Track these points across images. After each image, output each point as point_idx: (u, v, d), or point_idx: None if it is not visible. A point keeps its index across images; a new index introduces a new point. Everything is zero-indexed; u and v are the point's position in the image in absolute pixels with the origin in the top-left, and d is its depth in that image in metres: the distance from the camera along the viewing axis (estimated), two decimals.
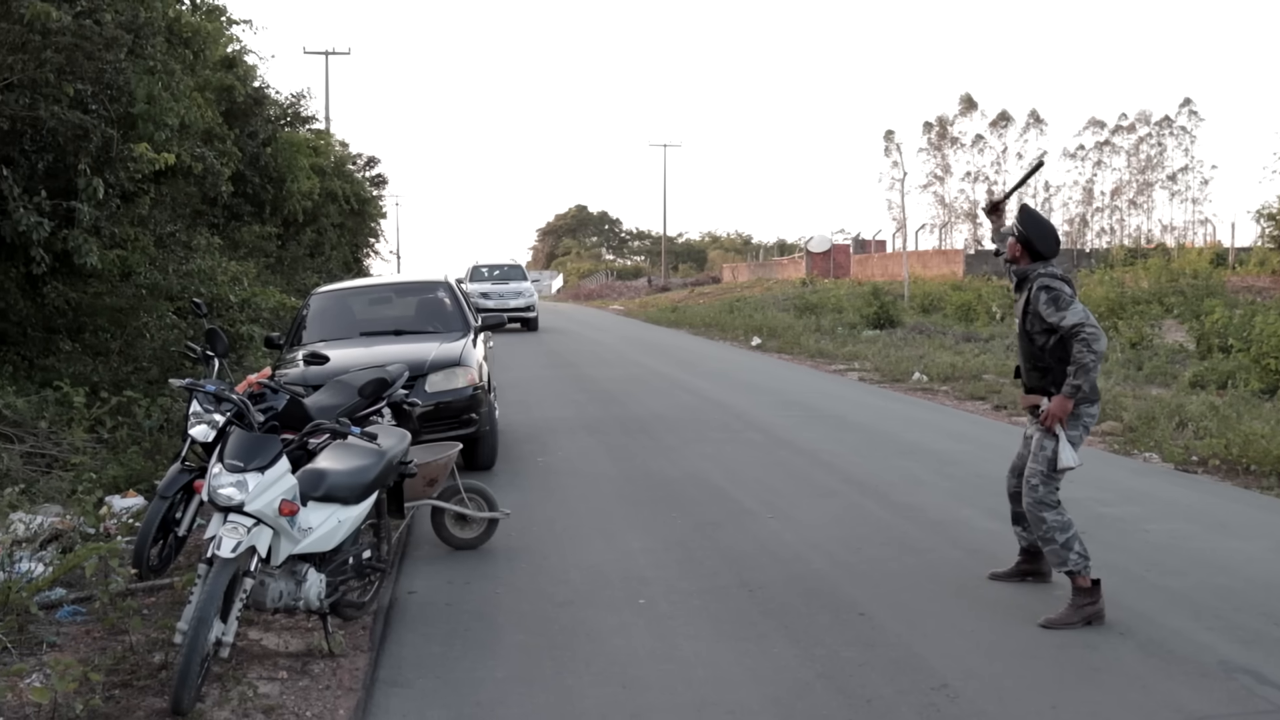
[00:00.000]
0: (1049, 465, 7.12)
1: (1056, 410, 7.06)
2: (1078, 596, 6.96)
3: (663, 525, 9.76)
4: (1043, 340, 7.18)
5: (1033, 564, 7.79)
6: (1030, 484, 7.19)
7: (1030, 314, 7.19)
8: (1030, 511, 7.19)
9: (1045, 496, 7.13)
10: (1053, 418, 7.07)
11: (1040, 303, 7.07)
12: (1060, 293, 7.04)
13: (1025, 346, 7.35)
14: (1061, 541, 7.03)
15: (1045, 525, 7.09)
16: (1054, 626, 6.83)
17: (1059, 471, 7.11)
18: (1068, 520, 7.11)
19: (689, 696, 5.92)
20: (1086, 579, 6.96)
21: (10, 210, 11.57)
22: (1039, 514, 7.12)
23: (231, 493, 5.82)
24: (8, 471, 9.76)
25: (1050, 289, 7.06)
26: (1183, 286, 31.35)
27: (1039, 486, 7.15)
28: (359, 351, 11.61)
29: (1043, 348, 7.20)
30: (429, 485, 8.54)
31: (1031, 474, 7.20)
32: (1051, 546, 7.07)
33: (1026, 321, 7.25)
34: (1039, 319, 7.12)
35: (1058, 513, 7.11)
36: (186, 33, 17.16)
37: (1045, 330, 7.13)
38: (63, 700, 5.33)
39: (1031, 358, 7.30)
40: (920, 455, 12.98)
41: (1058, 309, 6.99)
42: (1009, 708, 5.73)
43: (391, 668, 6.44)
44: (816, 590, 7.77)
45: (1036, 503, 7.14)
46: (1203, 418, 14.27)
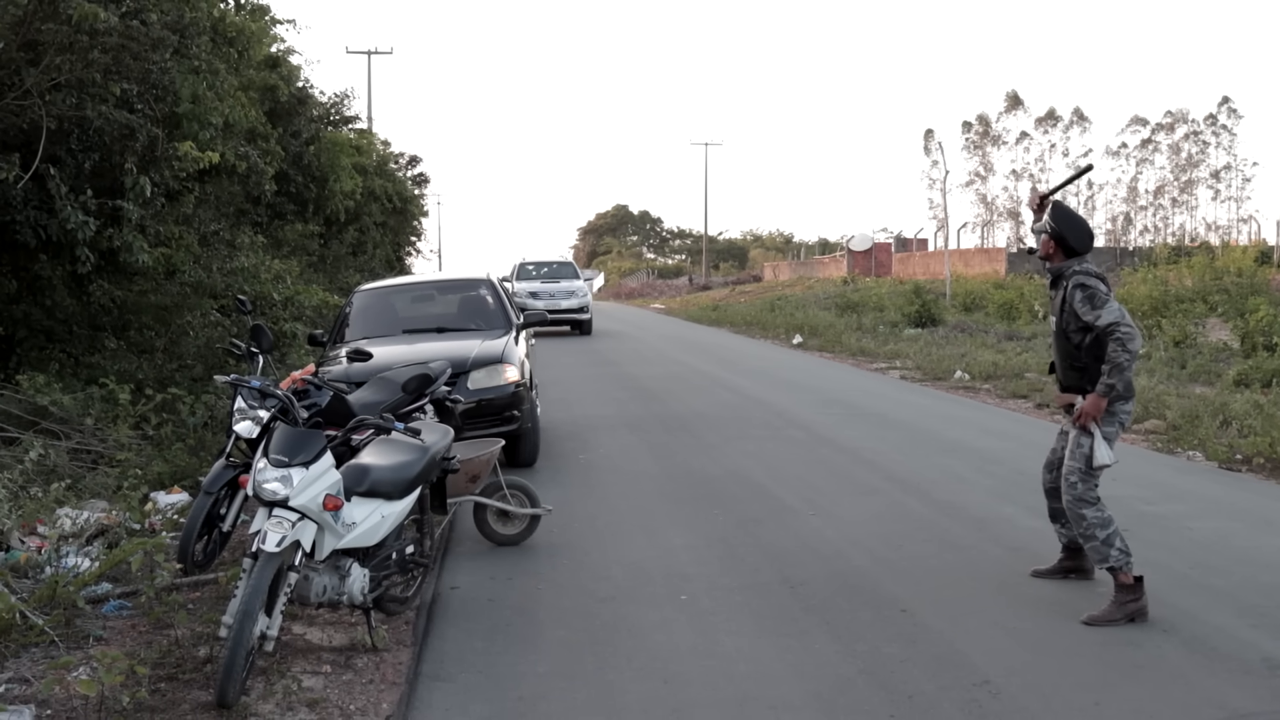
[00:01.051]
0: (1086, 463, 7.11)
1: (1090, 409, 7.07)
2: (1120, 593, 6.91)
3: (704, 522, 9.77)
4: (1078, 338, 7.18)
5: (1075, 560, 7.75)
6: (1069, 481, 7.17)
7: (1066, 312, 7.20)
8: (1070, 509, 7.18)
9: (1084, 494, 7.12)
10: (1087, 416, 7.08)
11: (1076, 300, 7.08)
12: (1096, 291, 7.04)
13: (1061, 344, 7.35)
14: (1102, 538, 7.01)
15: (1085, 522, 7.07)
16: (1097, 624, 6.79)
17: (1096, 469, 7.11)
18: (1107, 516, 7.10)
19: (730, 692, 5.94)
20: (1129, 575, 6.92)
21: (57, 209, 11.66)
22: (1079, 511, 7.11)
23: (276, 487, 5.87)
24: (54, 467, 9.85)
25: (1086, 287, 7.06)
26: (1226, 285, 31.13)
27: (1077, 484, 7.13)
28: (402, 349, 11.68)
29: (1078, 346, 7.20)
30: (471, 481, 8.58)
31: (1069, 471, 7.19)
32: (1092, 543, 7.06)
33: (1062, 319, 7.26)
34: (1074, 317, 7.13)
35: (1097, 509, 7.09)
36: (231, 32, 17.28)
37: (1081, 328, 7.14)
38: (109, 693, 5.37)
39: (1067, 356, 7.30)
40: (962, 453, 12.95)
41: (1093, 307, 7.00)
42: (1051, 704, 5.71)
43: (434, 662, 6.48)
44: (858, 587, 7.78)
45: (1076, 500, 7.13)
46: (1247, 416, 14.18)
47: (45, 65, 11.49)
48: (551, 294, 35.42)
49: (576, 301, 35.91)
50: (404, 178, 44.45)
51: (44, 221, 11.84)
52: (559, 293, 35.83)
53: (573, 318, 35.55)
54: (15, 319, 13.01)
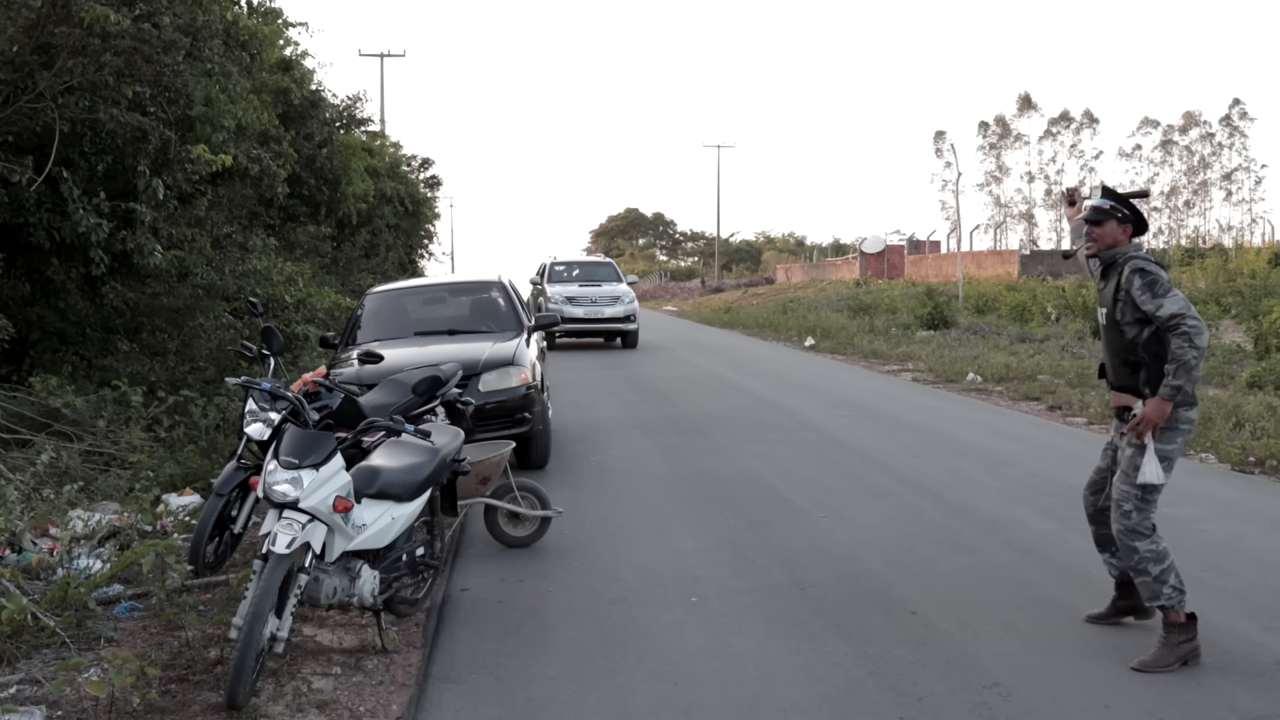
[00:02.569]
0: (1143, 488, 6.33)
1: (1153, 414, 6.23)
2: (1171, 633, 6.24)
3: (715, 524, 9.77)
4: (1134, 332, 6.34)
5: (1131, 599, 6.87)
6: (1122, 509, 6.38)
7: (1120, 301, 6.38)
8: (1121, 540, 6.38)
9: (1139, 523, 6.32)
10: (1148, 423, 6.24)
11: (1134, 287, 6.26)
12: (1158, 277, 6.24)
13: (1113, 339, 6.51)
14: (1155, 574, 6.26)
15: (1138, 556, 6.30)
16: (1148, 670, 6.12)
17: (1144, 487, 6.32)
18: (1163, 549, 6.32)
19: (740, 693, 5.93)
20: (1180, 614, 6.25)
21: (70, 212, 11.70)
22: (1130, 543, 6.32)
23: (286, 489, 5.88)
24: (66, 469, 9.88)
25: (1146, 271, 6.26)
26: (1240, 287, 31.10)
27: (1132, 512, 6.33)
28: (413, 351, 11.71)
29: (1134, 340, 6.35)
30: (482, 483, 8.59)
31: (1123, 497, 6.38)
32: (1144, 579, 6.31)
33: (1116, 310, 6.42)
34: (1131, 307, 6.31)
35: (1151, 541, 6.31)
36: (243, 35, 17.36)
37: (1138, 320, 6.31)
38: (119, 694, 5.39)
39: (1121, 351, 6.44)
40: (974, 455, 12.94)
41: (1154, 295, 6.18)
42: (1062, 707, 5.70)
43: (444, 664, 6.48)
44: (869, 589, 7.77)
45: (1129, 530, 6.33)
46: (1260, 418, 14.24)
47: (58, 68, 11.50)
48: (593, 300, 30.61)
49: (622, 309, 30.71)
50: (416, 180, 44.49)
51: (57, 224, 11.88)
52: (601, 298, 30.79)
53: (618, 328, 30.89)
54: (29, 321, 13.04)
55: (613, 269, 33.86)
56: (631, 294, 31.49)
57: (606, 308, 30.38)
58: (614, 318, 30.39)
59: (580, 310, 29.90)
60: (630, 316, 30.57)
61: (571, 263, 34.84)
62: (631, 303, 30.95)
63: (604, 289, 31.08)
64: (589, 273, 33.18)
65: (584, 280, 32.11)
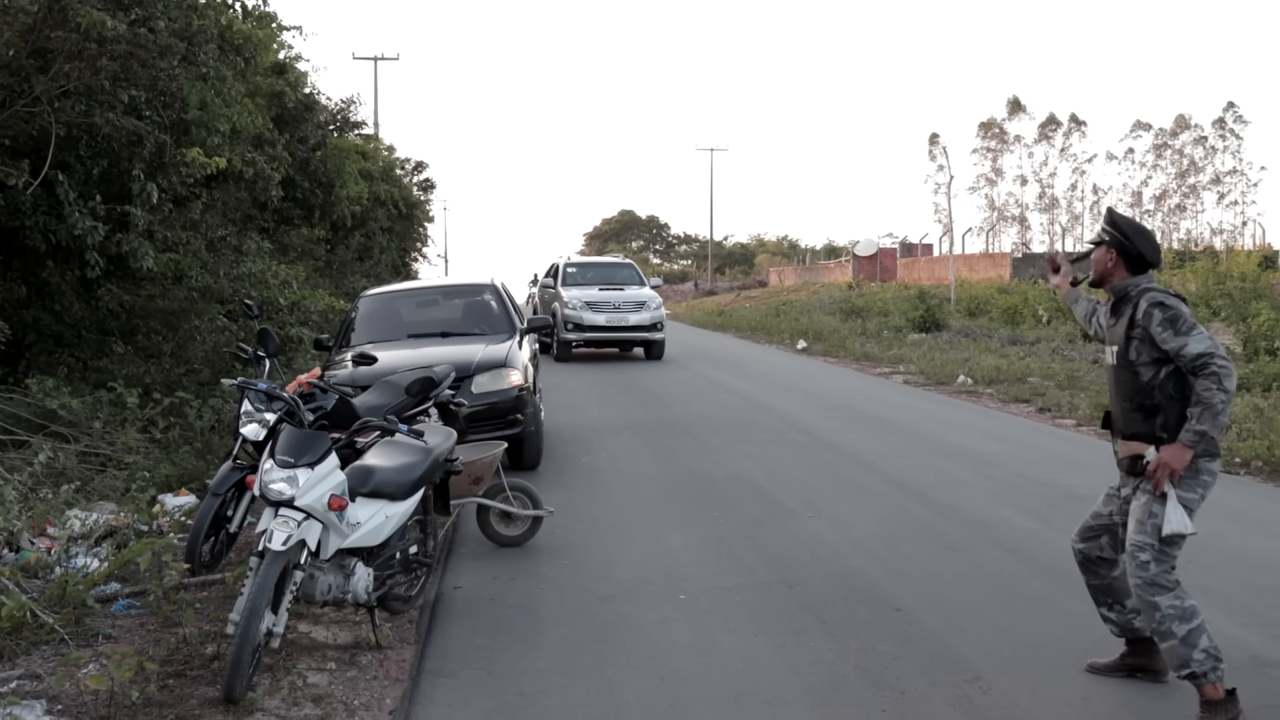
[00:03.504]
0: (1160, 537, 5.58)
1: (1173, 460, 5.52)
2: (1207, 713, 5.43)
3: (705, 524, 9.90)
4: (1150, 374, 5.66)
5: (1141, 657, 6.14)
6: (1138, 560, 5.61)
7: (1135, 339, 5.70)
8: (1141, 596, 5.61)
9: (1159, 576, 5.56)
10: (1166, 468, 5.53)
11: (1154, 323, 5.59)
12: (1179, 312, 5.56)
13: (1125, 381, 5.79)
14: (1182, 635, 5.45)
15: (1159, 614, 5.52)
16: None
17: (1169, 539, 5.58)
18: (1190, 606, 5.53)
19: (726, 688, 6.06)
20: (1218, 688, 5.43)
21: (66, 215, 11.80)
22: (1151, 599, 5.56)
23: (282, 488, 6.00)
24: (63, 470, 9.97)
25: (1166, 306, 5.59)
26: (1230, 290, 31.22)
27: (1150, 564, 5.57)
28: (406, 353, 11.80)
29: (1149, 383, 5.67)
30: (474, 483, 8.71)
31: (1139, 547, 5.63)
32: (1169, 642, 5.50)
33: (1130, 349, 5.73)
34: (1148, 345, 5.65)
35: (1175, 597, 5.55)
36: (238, 40, 17.44)
37: (1155, 360, 5.64)
38: (119, 689, 5.50)
39: (1135, 394, 5.73)
40: (962, 456, 13.07)
41: (1176, 333, 5.51)
42: (1040, 699, 5.84)
43: (437, 659, 6.60)
44: (855, 587, 7.90)
45: (1148, 584, 5.57)
46: (1246, 420, 14.36)
47: (54, 72, 11.61)
48: (616, 305, 27.19)
49: (649, 315, 27.35)
50: (410, 183, 44.58)
51: (53, 227, 11.99)
52: (625, 303, 27.37)
53: (643, 337, 27.57)
54: (24, 323, 13.13)
55: (634, 271, 30.58)
56: (658, 299, 28.05)
57: (631, 314, 27.18)
58: (639, 325, 27.29)
59: (602, 317, 26.89)
60: (657, 324, 27.45)
61: (588, 263, 31.75)
62: (658, 309, 27.70)
63: (627, 293, 27.77)
64: (608, 275, 29.82)
65: (603, 283, 28.69)
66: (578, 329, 26.84)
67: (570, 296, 27.34)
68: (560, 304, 27.46)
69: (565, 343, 27.07)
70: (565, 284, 28.74)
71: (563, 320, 26.93)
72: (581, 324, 26.80)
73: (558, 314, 27.27)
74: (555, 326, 26.59)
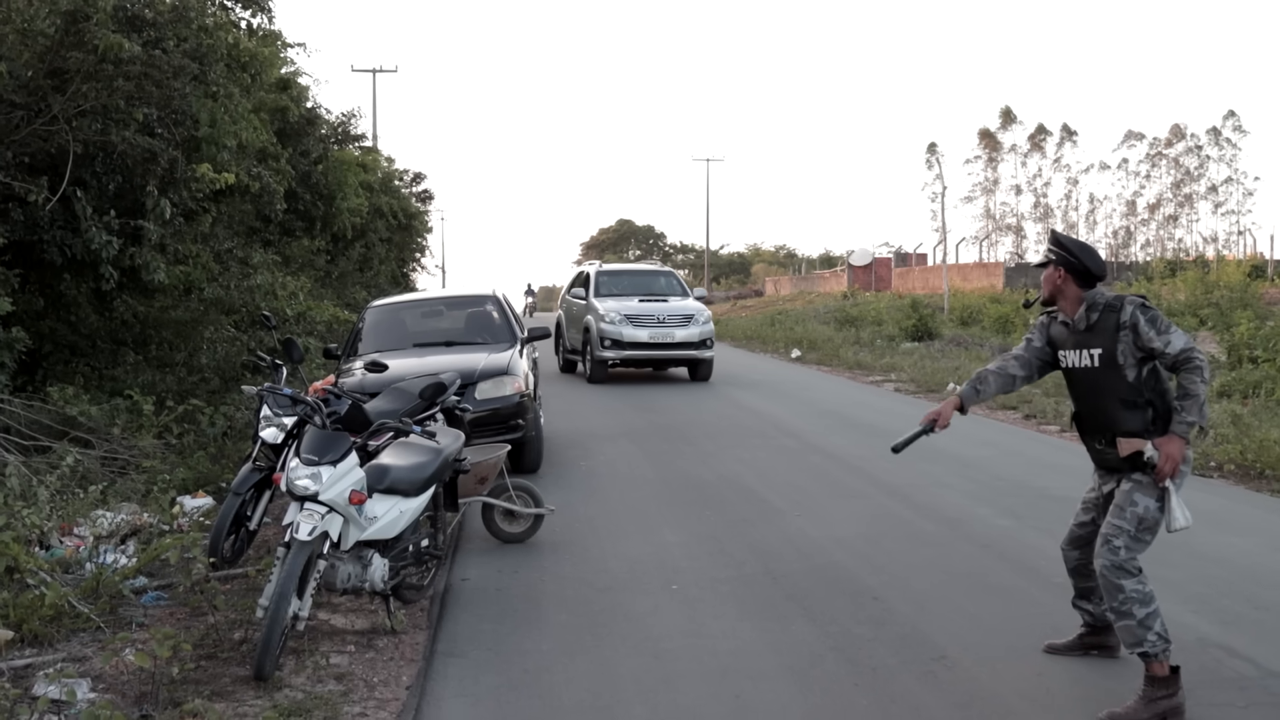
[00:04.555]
0: (1138, 524, 6.02)
1: (1177, 454, 5.96)
2: (1151, 687, 5.89)
3: (696, 522, 10.43)
4: (1134, 373, 6.03)
5: (1098, 637, 6.77)
6: (1111, 544, 6.01)
7: (1122, 342, 6.05)
8: (1106, 577, 6.00)
9: (1127, 561, 5.99)
10: (1173, 462, 5.96)
11: (1141, 324, 5.97)
12: (1159, 313, 6.00)
13: (1114, 382, 6.12)
14: (1140, 617, 5.91)
15: (1122, 595, 5.95)
16: None
17: (1149, 529, 6.07)
18: (1149, 592, 5.98)
19: (714, 665, 6.60)
20: (1164, 665, 5.90)
21: (82, 229, 12.24)
22: (1116, 580, 5.96)
23: (307, 484, 6.54)
24: (85, 474, 10.45)
25: (1148, 308, 6.03)
26: (1217, 298, 31.64)
27: (1122, 548, 5.99)
28: (412, 361, 12.26)
29: (1136, 381, 6.04)
30: (480, 483, 9.25)
31: (1115, 532, 6.03)
32: (1127, 622, 5.94)
33: (1119, 351, 6.07)
34: (1133, 346, 6.02)
35: (1139, 581, 5.98)
36: (244, 57, 17.84)
37: (1139, 360, 6.03)
38: (159, 667, 6.01)
39: (1125, 393, 6.07)
40: (944, 460, 13.58)
41: (1159, 332, 5.92)
42: (999, 674, 6.42)
43: (448, 641, 7.14)
44: (835, 578, 8.45)
45: (1115, 567, 5.97)
46: (1222, 425, 14.77)
47: (72, 92, 12.02)
48: (660, 319, 23.95)
49: (697, 330, 24.08)
50: (408, 194, 44.84)
51: (69, 241, 12.41)
52: (670, 316, 24.12)
53: (691, 355, 24.28)
54: (41, 334, 13.50)
55: (675, 280, 27.26)
56: (706, 312, 24.71)
57: (678, 329, 23.94)
58: (686, 342, 23.95)
59: (644, 333, 23.61)
60: (707, 340, 24.18)
61: (623, 271, 28.12)
62: (707, 323, 24.35)
63: (671, 305, 24.60)
64: (646, 284, 26.44)
65: (642, 294, 25.53)
66: (616, 346, 23.57)
67: (607, 309, 23.94)
68: (594, 318, 24.13)
69: (601, 362, 23.88)
70: (599, 295, 25.26)
71: (598, 336, 23.73)
72: (621, 340, 23.51)
73: (591, 329, 24.12)
74: (589, 343, 24.12)
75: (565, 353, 27.19)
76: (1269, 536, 9.83)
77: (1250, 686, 6.26)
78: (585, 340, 24.47)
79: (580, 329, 25.14)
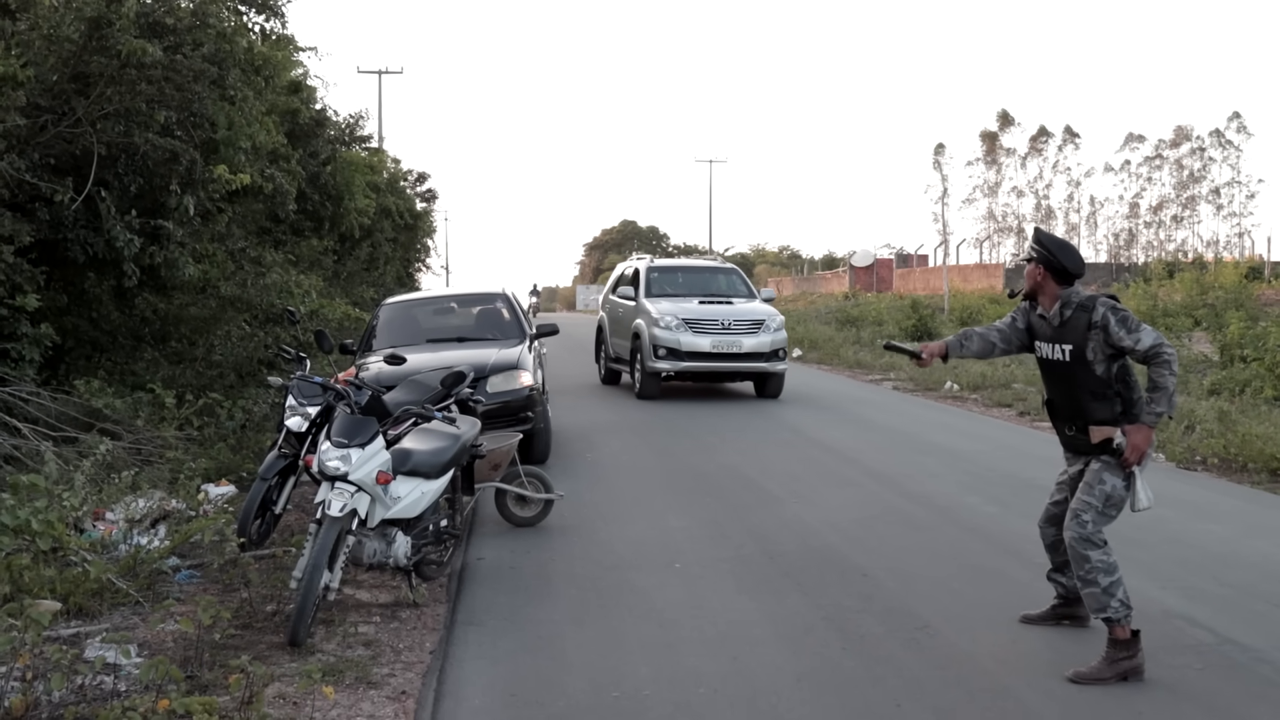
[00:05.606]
0: (1105, 501, 6.56)
1: (1143, 442, 6.52)
2: (1113, 649, 6.43)
3: (698, 508, 10.97)
4: (1103, 368, 6.56)
5: (1070, 608, 7.31)
6: (1080, 518, 6.55)
7: (1093, 340, 6.56)
8: (1074, 548, 6.54)
9: (1094, 533, 6.52)
10: (1139, 451, 6.52)
11: (1111, 323, 6.47)
12: (1128, 313, 6.51)
13: (1085, 375, 6.64)
14: (1104, 585, 6.45)
15: (1088, 565, 6.48)
16: (1084, 681, 6.34)
17: (1114, 505, 6.61)
18: (1113, 562, 6.52)
19: (713, 632, 7.14)
20: (1126, 630, 6.42)
21: (106, 228, 12.69)
22: (1083, 551, 6.50)
23: (338, 464, 7.07)
24: (113, 462, 10.91)
25: (1118, 309, 6.53)
26: (1212, 300, 32.06)
27: (1089, 522, 6.53)
28: (427, 356, 12.70)
29: (1105, 375, 6.57)
30: (494, 469, 9.78)
31: (1083, 507, 6.57)
32: (1092, 589, 6.48)
33: (1089, 348, 6.58)
34: (1103, 344, 6.54)
35: (1104, 552, 6.51)
36: (258, 61, 18.29)
37: (1108, 356, 6.56)
38: (202, 633, 6.49)
39: (1095, 386, 6.60)
40: (938, 453, 14.14)
41: (1129, 330, 6.44)
42: (978, 640, 6.98)
43: (467, 612, 7.67)
44: (828, 558, 8.99)
45: (1083, 539, 6.50)
46: (1209, 421, 15.27)
47: (96, 96, 12.44)
48: (725, 324, 20.13)
49: (769, 339, 20.15)
50: (413, 194, 45.11)
51: (91, 240, 12.85)
52: (738, 322, 20.24)
53: (760, 368, 20.28)
54: (64, 329, 13.88)
55: (739, 278, 23.44)
56: (778, 317, 20.87)
57: (745, 337, 20.07)
58: (756, 353, 19.97)
59: (706, 341, 19.89)
60: (779, 351, 20.40)
61: (678, 268, 24.08)
62: (779, 330, 20.45)
63: (738, 308, 20.91)
64: (705, 283, 22.81)
65: (703, 294, 21.89)
66: (672, 356, 19.88)
67: (661, 312, 20.37)
68: (646, 322, 20.49)
69: (653, 374, 20.08)
70: (650, 295, 21.69)
71: (650, 344, 20.02)
72: (679, 349, 19.85)
73: (642, 335, 20.41)
74: (639, 352, 20.47)
75: (608, 361, 23.46)
76: (1243, 524, 10.35)
77: (1208, 652, 6.80)
78: (634, 348, 20.79)
79: (628, 335, 21.41)
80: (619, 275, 24.51)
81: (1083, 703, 6.05)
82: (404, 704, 5.99)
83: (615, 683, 6.29)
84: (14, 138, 11.85)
